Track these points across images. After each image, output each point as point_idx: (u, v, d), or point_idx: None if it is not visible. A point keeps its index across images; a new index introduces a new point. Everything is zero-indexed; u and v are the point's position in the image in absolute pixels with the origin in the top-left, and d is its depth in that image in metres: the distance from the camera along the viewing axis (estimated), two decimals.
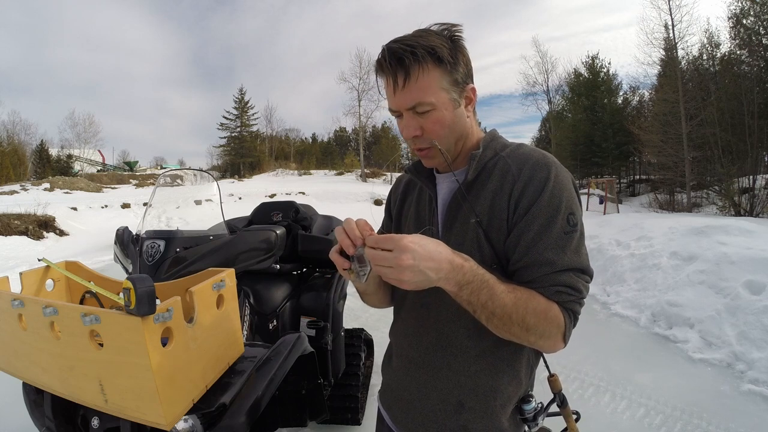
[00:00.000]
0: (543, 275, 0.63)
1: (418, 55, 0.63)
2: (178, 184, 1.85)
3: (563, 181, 0.66)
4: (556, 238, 0.63)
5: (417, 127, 0.68)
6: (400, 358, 0.83)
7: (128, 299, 0.71)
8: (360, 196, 16.84)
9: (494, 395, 0.71)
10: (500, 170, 0.70)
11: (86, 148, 31.11)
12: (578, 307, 0.65)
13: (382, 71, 0.67)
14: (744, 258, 3.54)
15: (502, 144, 0.75)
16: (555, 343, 0.65)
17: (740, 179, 10.43)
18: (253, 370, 1.08)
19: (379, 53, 0.66)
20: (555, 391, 0.83)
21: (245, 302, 1.68)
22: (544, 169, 0.66)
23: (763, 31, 12.15)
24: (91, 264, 2.99)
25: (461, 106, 0.70)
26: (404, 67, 0.64)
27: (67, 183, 19.09)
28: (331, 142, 50.35)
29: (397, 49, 0.64)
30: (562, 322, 0.63)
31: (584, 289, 0.65)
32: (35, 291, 1.11)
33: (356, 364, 2.22)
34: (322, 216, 2.58)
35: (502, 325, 0.61)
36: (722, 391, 2.43)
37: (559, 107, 26.14)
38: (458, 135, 0.71)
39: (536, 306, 0.61)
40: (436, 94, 0.65)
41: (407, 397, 0.79)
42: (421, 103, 0.65)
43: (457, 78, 0.67)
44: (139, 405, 0.79)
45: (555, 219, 0.64)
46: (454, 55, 0.66)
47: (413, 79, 0.64)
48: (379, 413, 0.92)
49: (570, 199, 0.66)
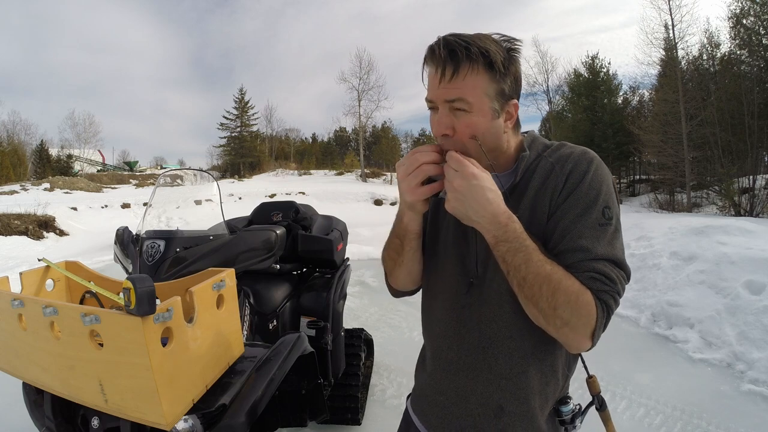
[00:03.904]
0: (578, 261, 0.63)
1: (471, 53, 0.62)
2: (178, 184, 1.85)
3: (603, 175, 0.67)
4: (591, 227, 0.64)
5: (449, 125, 0.67)
6: (437, 361, 0.81)
7: (128, 299, 0.71)
8: (360, 196, 16.84)
9: (534, 397, 0.71)
10: (543, 169, 0.70)
11: (86, 148, 31.10)
12: (611, 300, 0.62)
13: (432, 59, 0.65)
14: (744, 258, 3.54)
15: (543, 144, 0.75)
16: (582, 339, 0.62)
17: (740, 179, 10.41)
18: (253, 370, 1.08)
19: (434, 41, 0.65)
20: (594, 393, 0.79)
21: (245, 302, 1.68)
22: (585, 163, 0.67)
23: (763, 31, 12.14)
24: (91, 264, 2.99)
25: (500, 119, 0.68)
26: (455, 61, 0.62)
27: (67, 183, 19.09)
28: (331, 142, 50.32)
29: (452, 41, 0.63)
30: (593, 314, 0.60)
31: (618, 281, 0.63)
32: (35, 291, 1.11)
33: (356, 364, 2.23)
34: (322, 216, 2.58)
35: (532, 295, 0.61)
36: (722, 391, 2.43)
37: (559, 107, 26.12)
38: (487, 147, 0.68)
39: (569, 285, 0.60)
40: (478, 97, 0.64)
41: (444, 401, 0.78)
42: (461, 99, 0.64)
43: (504, 89, 0.66)
44: (139, 405, 0.79)
45: (591, 209, 0.64)
46: (507, 65, 0.65)
47: (461, 75, 0.63)
48: (406, 419, 0.89)
49: (608, 194, 0.66)
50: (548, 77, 25.64)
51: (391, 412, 2.27)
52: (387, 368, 2.76)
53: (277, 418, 1.36)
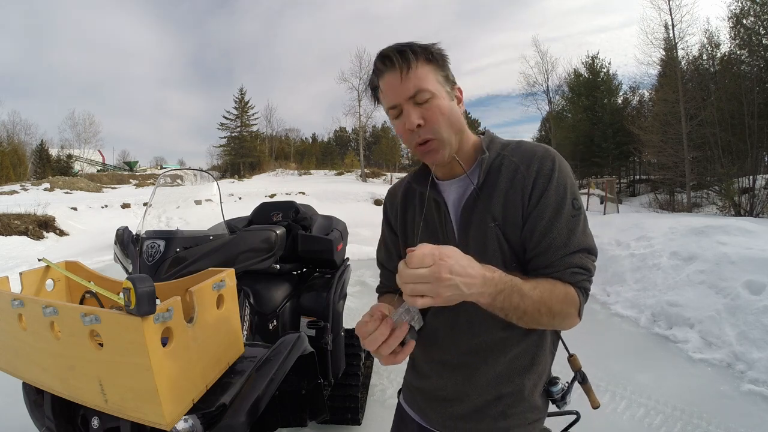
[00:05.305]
0: (558, 259, 0.69)
1: (416, 49, 0.70)
2: (178, 184, 1.85)
3: (566, 170, 0.72)
4: (566, 222, 0.69)
5: (419, 116, 0.70)
6: (430, 364, 0.84)
7: (128, 299, 0.71)
8: (360, 196, 16.83)
9: (528, 376, 0.76)
10: (507, 169, 0.73)
11: (86, 148, 31.11)
12: (589, 285, 0.71)
13: (385, 65, 0.71)
14: (744, 258, 3.54)
15: (501, 143, 0.79)
16: (573, 321, 0.71)
17: (740, 179, 10.40)
18: (253, 370, 1.08)
19: (378, 55, 0.72)
20: (575, 370, 0.87)
21: (245, 302, 1.68)
22: (549, 162, 0.71)
23: (763, 31, 12.14)
24: (91, 264, 2.99)
25: (454, 101, 0.74)
26: (406, 58, 0.69)
27: (67, 183, 19.09)
28: (331, 142, 50.33)
29: (396, 46, 0.71)
30: (578, 302, 0.69)
31: (593, 267, 0.71)
32: (35, 291, 1.11)
33: (356, 364, 2.22)
34: (322, 216, 2.58)
35: (533, 320, 0.65)
36: (722, 391, 2.43)
37: (559, 107, 26.11)
38: (457, 128, 0.73)
39: (558, 293, 0.66)
40: (433, 83, 0.70)
41: (443, 396, 0.81)
42: (421, 90, 0.69)
43: (448, 75, 0.74)
44: (139, 405, 0.79)
45: (563, 205, 0.69)
46: (441, 57, 0.73)
47: (413, 68, 0.69)
48: (400, 412, 0.92)
49: (573, 185, 0.72)
50: (548, 77, 25.64)
51: (391, 412, 2.24)
52: (387, 368, 2.75)
53: (277, 418, 1.36)
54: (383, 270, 0.95)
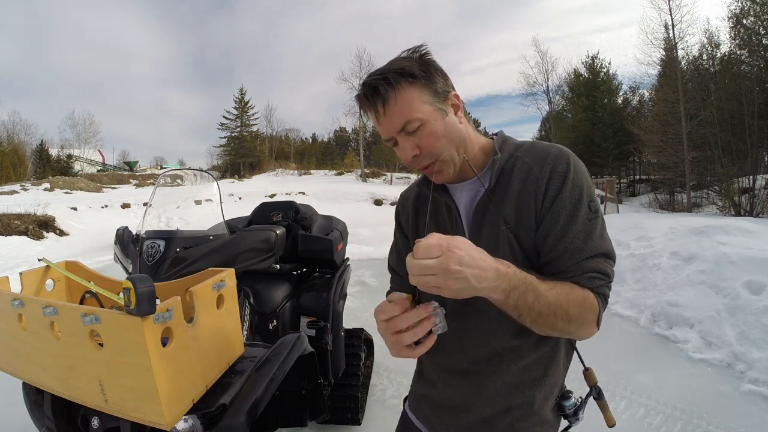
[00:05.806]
0: (575, 263, 0.65)
1: (390, 80, 0.66)
2: (178, 184, 1.85)
3: (581, 171, 0.69)
4: (582, 226, 0.66)
5: (413, 146, 0.69)
6: (437, 372, 0.81)
7: (128, 299, 0.71)
8: (360, 196, 16.84)
9: (539, 388, 0.73)
10: (520, 170, 0.71)
11: (86, 148, 31.15)
12: (608, 290, 0.68)
13: (365, 105, 0.70)
14: (744, 258, 3.54)
15: (514, 144, 0.76)
16: (590, 329, 0.67)
17: (740, 179, 10.40)
18: (253, 370, 1.08)
19: (358, 91, 0.70)
20: (591, 384, 0.82)
21: (245, 302, 1.68)
22: (564, 162, 0.68)
23: (763, 31, 12.14)
24: (91, 264, 2.99)
25: (450, 114, 0.71)
26: (380, 95, 0.66)
27: (67, 183, 19.10)
28: (331, 142, 50.32)
29: (370, 82, 0.67)
30: (597, 309, 0.66)
31: (611, 273, 0.68)
32: (35, 291, 1.11)
33: (356, 364, 2.22)
34: (322, 216, 2.58)
35: (547, 323, 0.62)
36: (722, 391, 2.43)
37: (559, 107, 26.13)
38: (456, 142, 0.71)
39: (576, 297, 0.63)
40: (419, 109, 0.67)
41: (451, 405, 0.78)
42: (408, 121, 0.67)
43: (437, 89, 0.69)
44: (139, 405, 0.79)
45: (579, 208, 0.66)
46: (426, 69, 0.68)
47: (392, 102, 0.67)
48: (405, 421, 0.90)
49: (589, 188, 0.68)
50: (548, 77, 25.68)
51: (391, 412, 2.27)
52: (387, 368, 2.76)
53: (277, 418, 1.36)
54: (394, 275, 0.93)
